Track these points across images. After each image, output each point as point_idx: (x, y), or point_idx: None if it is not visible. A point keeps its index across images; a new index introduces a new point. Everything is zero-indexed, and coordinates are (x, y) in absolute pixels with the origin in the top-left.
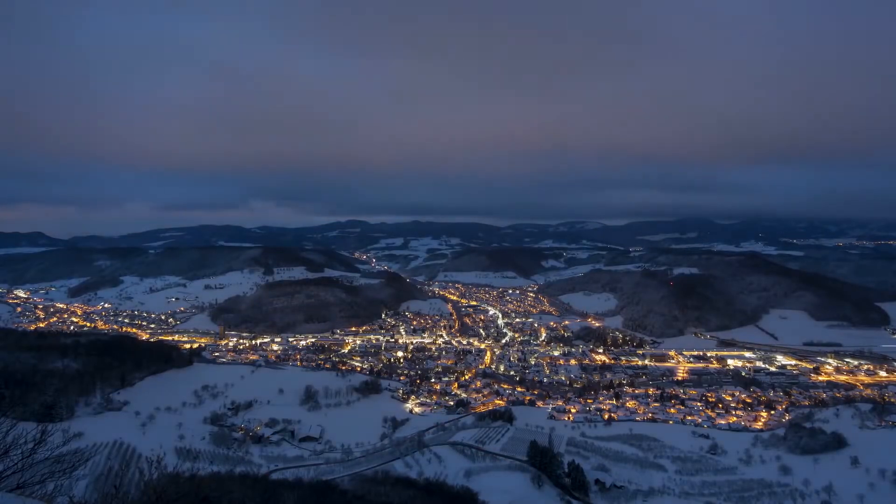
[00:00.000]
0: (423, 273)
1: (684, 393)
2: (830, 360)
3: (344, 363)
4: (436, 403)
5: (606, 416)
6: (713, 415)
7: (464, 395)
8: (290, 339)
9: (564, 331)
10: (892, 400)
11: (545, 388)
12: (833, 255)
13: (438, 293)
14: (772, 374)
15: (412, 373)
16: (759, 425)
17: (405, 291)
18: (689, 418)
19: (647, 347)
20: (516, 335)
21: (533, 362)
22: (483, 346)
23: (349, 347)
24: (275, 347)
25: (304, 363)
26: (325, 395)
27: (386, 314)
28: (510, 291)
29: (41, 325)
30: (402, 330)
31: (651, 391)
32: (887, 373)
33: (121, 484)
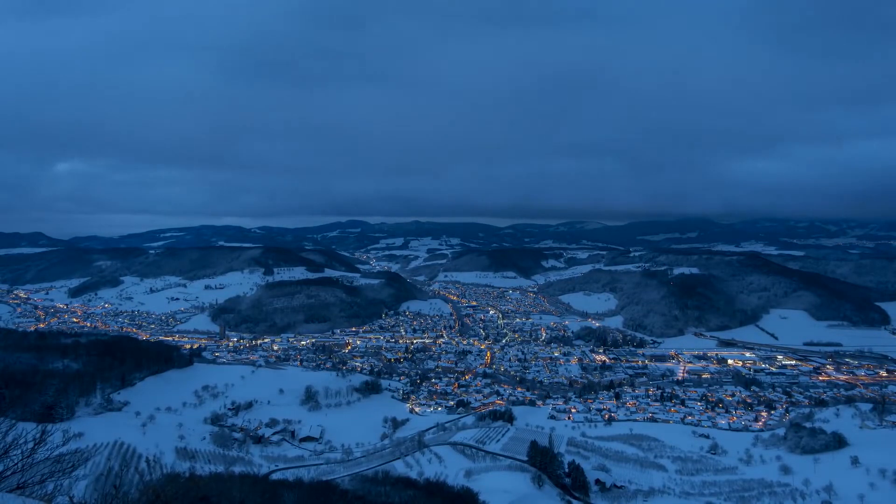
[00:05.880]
0: (424, 273)
1: (684, 393)
2: (830, 360)
3: (344, 363)
4: (436, 403)
5: (607, 416)
6: (713, 415)
7: (464, 396)
8: (291, 340)
9: (564, 331)
10: (893, 400)
11: (545, 388)
12: (833, 255)
13: (438, 293)
14: (772, 373)
15: (412, 373)
16: (759, 425)
17: (405, 291)
18: (690, 418)
19: (648, 347)
20: (516, 335)
21: (533, 362)
22: (483, 347)
23: (349, 347)
24: (275, 347)
25: (305, 363)
26: (325, 395)
27: (386, 314)
28: (510, 291)
29: (41, 325)
30: (402, 330)
31: (651, 391)
32: (887, 373)
33: (121, 484)
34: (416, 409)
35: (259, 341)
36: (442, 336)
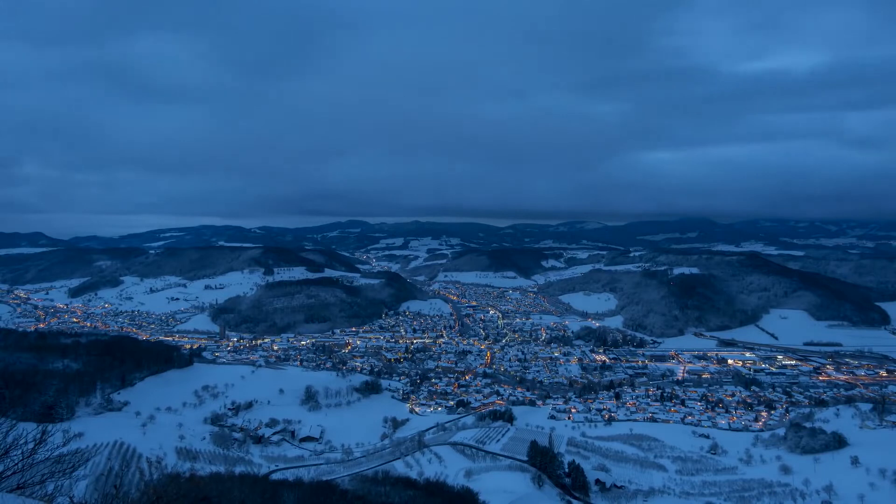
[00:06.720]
0: (424, 273)
1: (684, 393)
2: (830, 360)
3: (344, 363)
4: (436, 403)
5: (607, 416)
6: (713, 415)
7: (464, 396)
8: (291, 340)
9: (564, 331)
10: (893, 400)
11: (545, 389)
12: (833, 255)
13: (438, 293)
14: (772, 373)
15: (412, 373)
16: (759, 425)
17: (405, 291)
18: (690, 418)
19: (648, 347)
20: (516, 335)
21: (533, 362)
22: (483, 347)
23: (349, 347)
24: (275, 347)
25: (305, 363)
26: (325, 395)
27: (386, 314)
28: (510, 291)
29: (41, 325)
30: (402, 330)
31: (651, 391)
32: (887, 372)
33: (121, 484)
34: (416, 409)
35: (259, 341)
36: (442, 336)
